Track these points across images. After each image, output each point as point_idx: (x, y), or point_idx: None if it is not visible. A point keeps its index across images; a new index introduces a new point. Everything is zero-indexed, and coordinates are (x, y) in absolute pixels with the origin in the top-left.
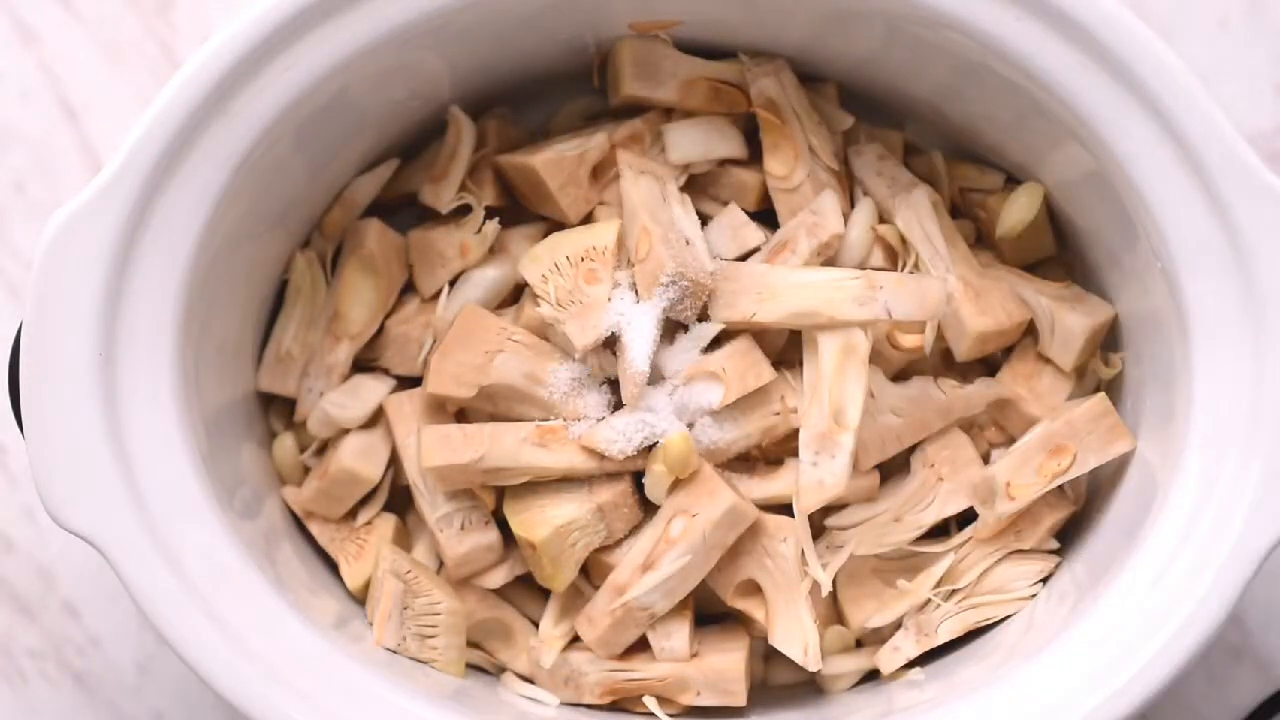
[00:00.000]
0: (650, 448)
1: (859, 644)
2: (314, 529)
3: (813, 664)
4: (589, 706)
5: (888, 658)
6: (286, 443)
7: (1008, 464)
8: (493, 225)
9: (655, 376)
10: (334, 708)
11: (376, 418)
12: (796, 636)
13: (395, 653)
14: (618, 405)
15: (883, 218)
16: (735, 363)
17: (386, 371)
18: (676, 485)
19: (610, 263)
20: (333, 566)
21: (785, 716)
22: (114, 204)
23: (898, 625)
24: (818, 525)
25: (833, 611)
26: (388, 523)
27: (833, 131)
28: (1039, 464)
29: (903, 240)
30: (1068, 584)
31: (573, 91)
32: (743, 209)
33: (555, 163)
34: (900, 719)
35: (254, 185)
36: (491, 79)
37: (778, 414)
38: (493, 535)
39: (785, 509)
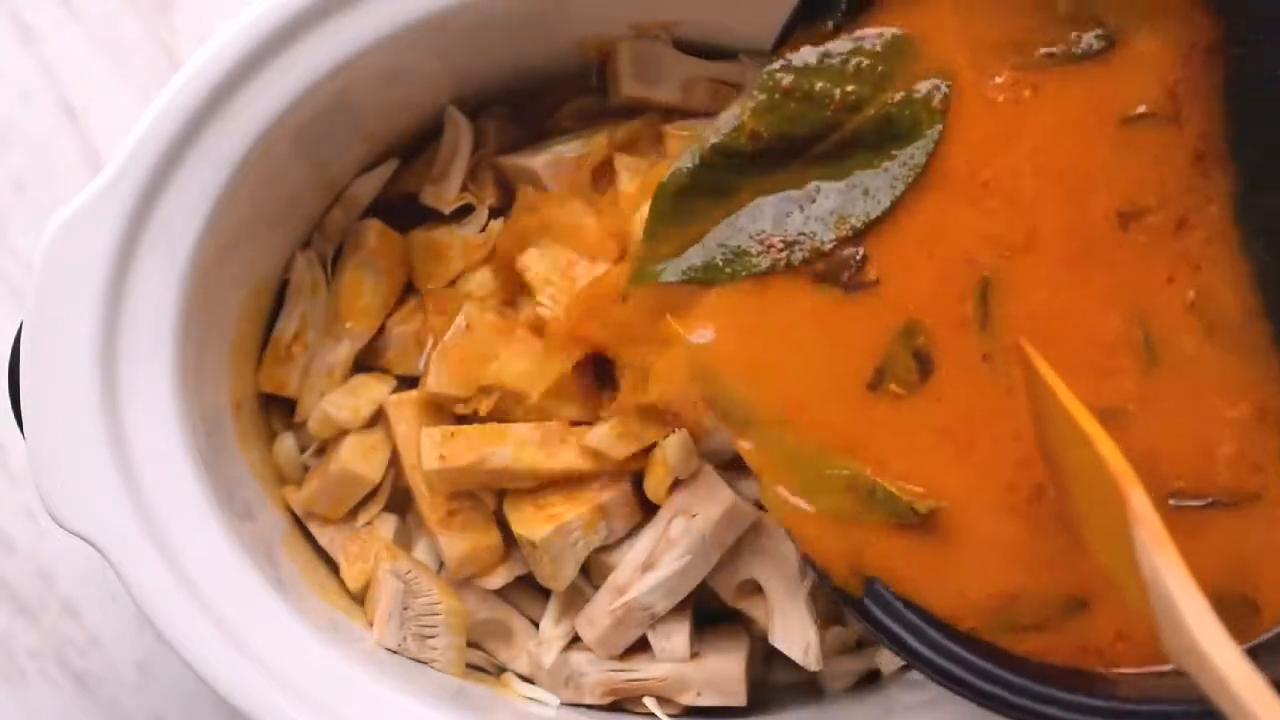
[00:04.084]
0: (650, 448)
1: (859, 644)
2: (314, 529)
3: (813, 664)
4: (589, 707)
5: (888, 658)
6: (286, 443)
7: None
8: (497, 225)
9: None
10: (334, 708)
11: (376, 418)
12: (797, 636)
13: (395, 653)
14: None
15: None
16: None
17: (386, 371)
18: (676, 485)
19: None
20: (333, 566)
21: (785, 716)
22: (114, 204)
23: None
24: None
25: (833, 611)
26: (388, 523)
27: None
28: None
29: None
30: None
31: (573, 91)
32: None
33: (555, 165)
34: (900, 719)
35: (254, 185)
36: (491, 79)
37: None
38: (493, 535)
39: None
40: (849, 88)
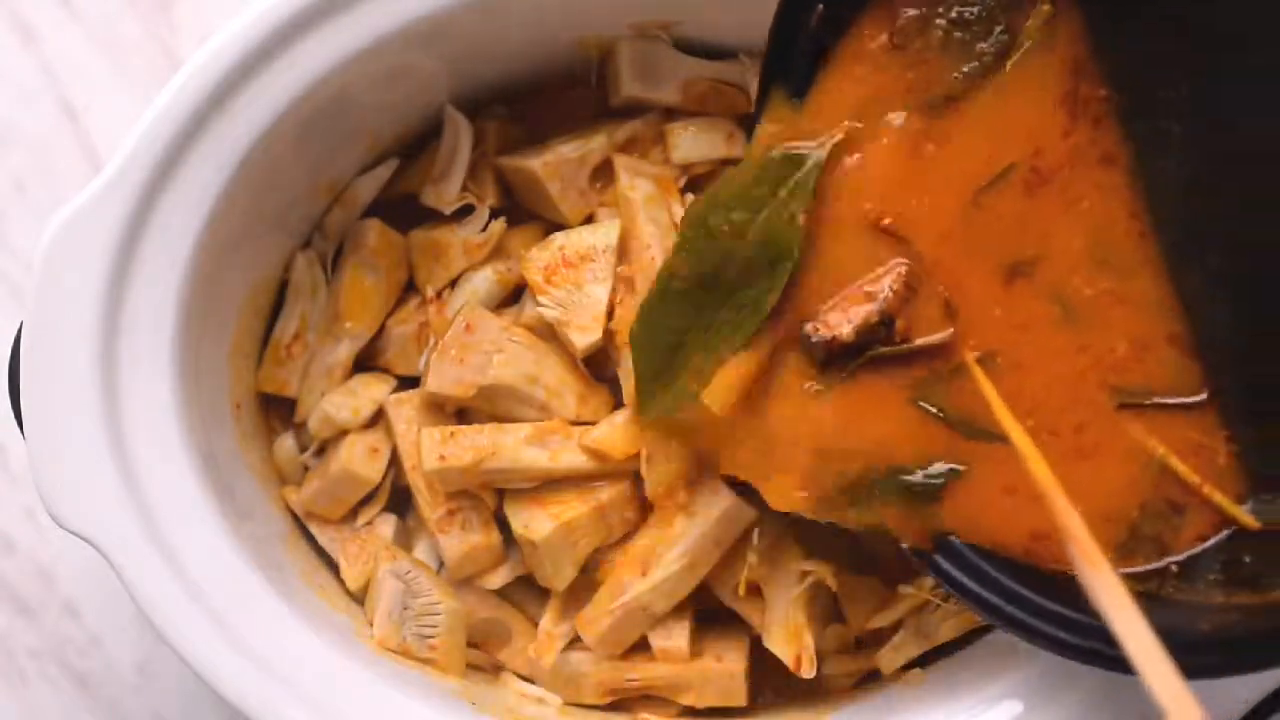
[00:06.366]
0: None
1: (859, 644)
2: (314, 529)
3: (806, 670)
4: (589, 706)
5: (888, 658)
6: (286, 443)
7: None
8: (498, 225)
9: None
10: (334, 708)
11: (377, 418)
12: (790, 641)
13: (395, 653)
14: (618, 405)
15: None
16: None
17: (386, 371)
18: (676, 485)
19: (611, 263)
20: (333, 566)
21: (785, 716)
22: (114, 204)
23: (898, 625)
24: None
25: (833, 611)
26: (388, 523)
27: None
28: None
29: None
30: None
31: (573, 91)
32: None
33: (555, 166)
34: (900, 719)
35: (254, 185)
36: (491, 79)
37: None
38: (493, 535)
39: None
40: (733, 215)
